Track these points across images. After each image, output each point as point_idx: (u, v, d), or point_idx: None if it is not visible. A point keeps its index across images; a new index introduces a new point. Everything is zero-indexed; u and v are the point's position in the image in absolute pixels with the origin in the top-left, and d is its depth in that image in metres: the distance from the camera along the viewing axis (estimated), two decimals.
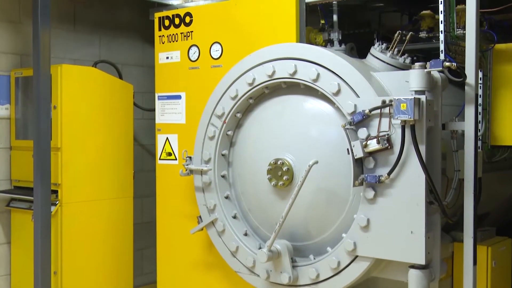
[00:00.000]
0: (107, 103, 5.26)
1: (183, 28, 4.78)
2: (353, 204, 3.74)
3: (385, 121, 3.53)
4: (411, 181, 3.47)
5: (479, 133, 3.93)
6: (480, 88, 4.08)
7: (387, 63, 4.01)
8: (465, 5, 3.72)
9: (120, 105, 5.38)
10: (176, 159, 4.83)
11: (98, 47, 5.87)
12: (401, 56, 4.05)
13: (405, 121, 3.40)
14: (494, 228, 4.42)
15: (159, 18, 4.94)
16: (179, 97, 4.81)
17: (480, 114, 4.07)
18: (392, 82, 3.70)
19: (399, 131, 3.45)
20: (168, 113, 4.88)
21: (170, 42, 4.86)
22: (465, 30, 3.75)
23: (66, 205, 4.95)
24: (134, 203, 5.53)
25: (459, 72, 3.61)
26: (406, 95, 3.42)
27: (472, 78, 3.65)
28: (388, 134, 3.51)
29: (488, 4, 4.23)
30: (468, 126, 3.68)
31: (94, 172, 5.16)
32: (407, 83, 3.51)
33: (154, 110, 5.06)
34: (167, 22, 4.88)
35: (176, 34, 4.81)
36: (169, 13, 4.89)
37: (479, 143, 4.00)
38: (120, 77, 5.70)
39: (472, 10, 3.66)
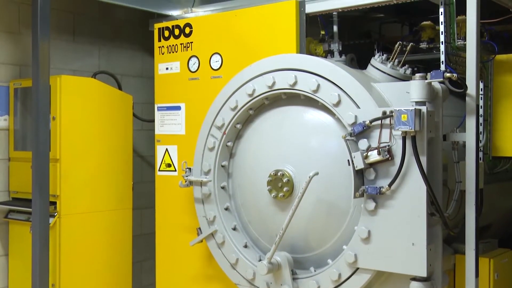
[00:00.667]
0: (106, 114, 5.24)
1: (183, 39, 4.78)
2: (354, 216, 3.72)
3: (385, 132, 3.51)
4: (412, 193, 3.45)
5: (480, 144, 3.91)
6: (481, 99, 4.06)
7: (388, 74, 4.01)
8: (465, 16, 3.73)
9: (120, 116, 5.37)
10: (175, 170, 4.82)
11: (97, 58, 5.86)
12: (401, 67, 4.05)
13: (406, 132, 3.39)
14: (496, 240, 4.38)
15: (159, 29, 4.94)
16: (178, 108, 4.80)
17: (481, 125, 4.05)
18: (393, 93, 3.71)
19: (400, 142, 3.44)
20: (168, 124, 4.87)
21: (170, 53, 4.86)
22: (465, 41, 3.76)
23: (65, 216, 4.91)
24: (133, 214, 5.50)
25: (460, 83, 3.61)
26: (407, 106, 3.41)
27: (473, 89, 3.66)
28: (389, 145, 3.49)
29: (489, 15, 4.24)
30: (469, 137, 3.67)
31: (93, 184, 5.14)
32: (408, 94, 3.51)
33: (153, 121, 5.05)
34: (167, 33, 4.88)
35: (176, 45, 4.81)
36: (169, 24, 4.89)
37: (480, 154, 3.98)
38: (120, 88, 5.69)
39: (473, 20, 3.67)
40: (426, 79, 3.48)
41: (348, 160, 3.55)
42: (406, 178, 3.46)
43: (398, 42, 4.05)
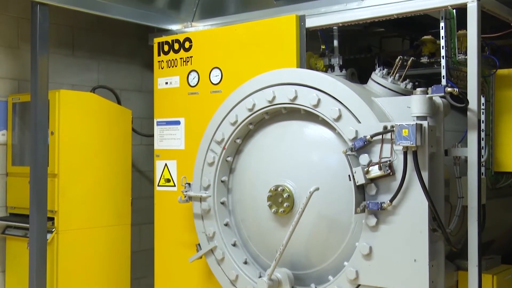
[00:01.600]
0: (105, 129, 5.22)
1: (182, 53, 4.77)
2: (355, 232, 3.69)
3: (387, 147, 3.50)
4: (414, 208, 3.42)
5: (482, 159, 3.90)
6: (482, 114, 4.06)
7: (389, 89, 4.02)
8: (466, 30, 3.72)
9: (119, 131, 5.34)
10: (174, 186, 4.78)
11: (96, 72, 5.85)
12: (402, 81, 4.06)
13: (407, 147, 3.38)
14: (499, 256, 4.35)
15: (159, 43, 4.93)
16: (178, 122, 4.78)
17: (483, 140, 4.04)
18: (394, 107, 3.70)
19: (401, 157, 3.42)
20: (167, 138, 4.84)
21: (169, 67, 4.85)
22: (466, 55, 3.76)
23: (63, 232, 4.87)
24: (131, 230, 5.46)
25: (461, 97, 3.59)
26: (408, 121, 3.40)
27: (474, 104, 3.65)
28: (390, 160, 3.48)
29: (490, 29, 4.23)
30: (471, 152, 3.66)
31: (91, 199, 5.10)
32: (409, 108, 3.49)
33: (152, 135, 5.03)
34: (166, 48, 4.87)
35: (176, 59, 4.80)
36: (169, 38, 4.88)
37: (483, 169, 3.95)
38: (119, 102, 5.67)
39: (474, 35, 3.67)
40: (427, 93, 3.47)
41: (349, 175, 3.53)
42: (408, 194, 3.44)
43: (398, 57, 4.06)
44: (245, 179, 4.22)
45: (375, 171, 3.48)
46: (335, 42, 4.60)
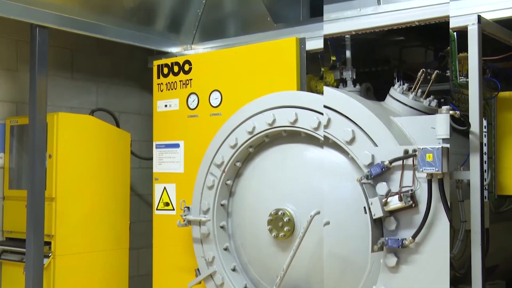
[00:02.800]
0: (103, 152, 5.19)
1: (182, 76, 4.75)
2: (372, 273, 3.36)
3: (408, 174, 3.19)
4: (440, 245, 3.12)
5: (485, 183, 3.82)
6: (484, 137, 3.99)
7: (410, 106, 3.74)
8: (467, 53, 3.68)
9: (117, 154, 5.32)
10: (173, 209, 4.74)
11: (95, 95, 5.84)
12: (425, 98, 3.79)
13: (431, 175, 3.08)
14: (504, 282, 4.29)
15: (158, 66, 4.92)
16: (177, 145, 4.75)
17: (485, 163, 3.97)
18: (416, 128, 3.44)
19: (425, 186, 3.13)
20: (166, 162, 4.81)
21: (168, 90, 4.83)
22: (468, 78, 3.69)
23: (59, 257, 4.81)
24: (129, 255, 5.40)
25: (463, 120, 3.51)
26: (432, 144, 3.13)
27: (476, 127, 3.56)
28: (412, 190, 3.16)
29: (491, 52, 4.19)
30: (473, 175, 3.57)
31: (89, 223, 5.05)
32: (433, 129, 3.23)
33: (151, 159, 5.00)
34: (166, 70, 4.86)
35: (175, 82, 4.78)
36: (168, 61, 4.88)
37: (486, 192, 3.90)
38: (117, 125, 5.65)
39: (475, 57, 3.60)
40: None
41: (365, 207, 3.22)
42: (433, 228, 3.14)
43: (421, 70, 3.80)
44: (245, 203, 4.18)
45: (394, 203, 3.14)
46: (348, 53, 4.22)
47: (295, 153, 3.97)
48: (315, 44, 4.30)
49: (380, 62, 4.84)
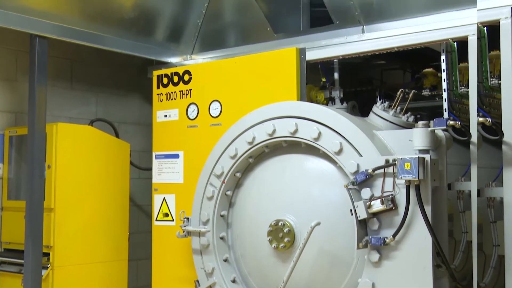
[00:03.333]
0: (103, 162, 5.17)
1: (182, 86, 4.74)
2: (357, 268, 3.62)
3: (389, 181, 3.46)
4: (418, 243, 3.36)
5: None
6: None
7: (390, 122, 3.99)
8: (467, 63, 3.67)
9: (116, 164, 5.29)
10: (173, 220, 4.72)
11: (95, 105, 5.82)
12: (404, 114, 4.03)
13: (409, 181, 3.34)
14: None
15: (158, 76, 4.91)
16: (177, 156, 4.73)
17: None
18: (396, 141, 3.66)
19: (404, 191, 3.37)
20: (166, 172, 4.79)
21: (168, 100, 4.82)
22: (468, 88, 3.68)
23: (58, 268, 4.78)
24: (129, 266, 5.36)
25: (495, 128, 3.47)
26: (410, 154, 3.36)
27: (511, 136, 3.42)
28: (392, 194, 3.43)
29: None
30: (508, 192, 3.37)
31: (88, 234, 5.02)
32: (411, 142, 3.45)
33: (151, 169, 4.98)
34: (165, 80, 4.85)
35: (175, 92, 4.77)
36: (168, 71, 4.87)
37: None
38: (117, 135, 5.63)
39: (508, 55, 3.45)
40: (429, 126, 3.42)
41: (351, 210, 3.48)
42: (411, 228, 3.38)
43: (400, 89, 4.03)
44: (245, 214, 4.15)
45: (377, 206, 3.43)
46: (336, 75, 4.59)
47: (295, 163, 3.97)
48: (315, 54, 4.31)
49: (364, 83, 5.49)
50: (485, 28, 3.58)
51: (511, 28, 3.39)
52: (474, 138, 3.54)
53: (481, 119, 3.40)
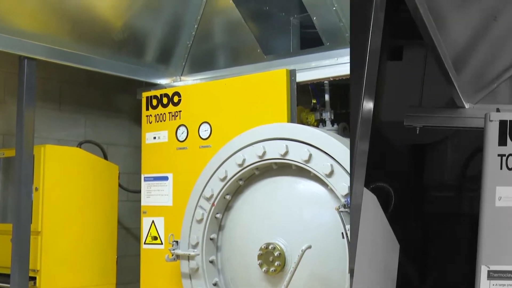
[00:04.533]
0: (91, 185, 5.11)
1: (171, 108, 4.72)
2: None
3: None
4: None
5: None
6: None
7: None
8: None
9: (105, 187, 5.24)
10: (162, 244, 4.66)
11: (83, 127, 5.78)
12: None
13: None
14: None
15: (147, 97, 4.89)
16: (166, 178, 4.69)
17: None
18: None
19: None
20: (155, 195, 4.75)
21: (157, 122, 4.79)
22: None
23: None
24: None
25: None
26: None
27: None
28: None
29: None
30: None
31: (76, 257, 4.95)
32: None
33: (139, 191, 4.93)
34: (155, 102, 4.82)
35: (164, 113, 4.75)
36: (157, 92, 4.85)
37: None
38: (105, 157, 5.59)
39: None
40: None
41: (342, 233, 3.42)
42: None
43: None
44: (235, 237, 4.12)
45: None
46: (326, 97, 4.55)
47: (285, 186, 3.95)
48: (306, 75, 4.30)
49: None
50: None
51: None
52: None
53: None
